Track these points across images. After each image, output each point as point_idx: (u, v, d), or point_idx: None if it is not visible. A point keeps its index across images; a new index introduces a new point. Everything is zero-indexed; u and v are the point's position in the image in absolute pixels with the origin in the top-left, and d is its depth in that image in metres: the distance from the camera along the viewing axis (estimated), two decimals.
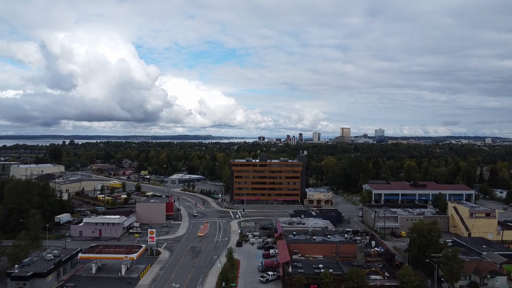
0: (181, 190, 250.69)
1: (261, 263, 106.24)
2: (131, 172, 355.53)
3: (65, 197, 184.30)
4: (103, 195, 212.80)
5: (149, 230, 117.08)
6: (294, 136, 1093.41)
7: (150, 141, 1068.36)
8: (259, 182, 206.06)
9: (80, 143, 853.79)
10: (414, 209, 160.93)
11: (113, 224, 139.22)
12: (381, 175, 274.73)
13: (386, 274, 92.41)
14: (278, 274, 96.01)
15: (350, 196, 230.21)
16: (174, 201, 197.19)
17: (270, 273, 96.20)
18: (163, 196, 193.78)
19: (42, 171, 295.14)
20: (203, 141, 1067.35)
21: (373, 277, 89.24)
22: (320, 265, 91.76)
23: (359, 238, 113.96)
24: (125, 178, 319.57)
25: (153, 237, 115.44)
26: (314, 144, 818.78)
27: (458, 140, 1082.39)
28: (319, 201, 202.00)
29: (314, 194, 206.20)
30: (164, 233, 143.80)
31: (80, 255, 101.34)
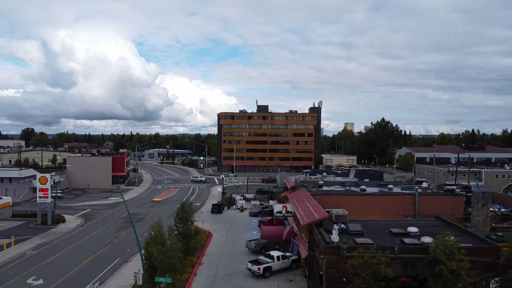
0: (158, 163, 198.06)
1: (256, 231, 50.73)
2: (107, 150, 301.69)
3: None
4: (48, 164, 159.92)
5: (38, 176, 60.91)
6: None
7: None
8: (257, 141, 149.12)
9: None
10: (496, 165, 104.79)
11: (10, 180, 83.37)
12: (411, 146, 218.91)
13: None
14: (295, 256, 40.14)
15: (379, 167, 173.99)
16: (137, 164, 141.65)
17: (274, 253, 40.13)
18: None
19: None
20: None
21: None
22: (412, 229, 34.37)
23: (455, 188, 57.39)
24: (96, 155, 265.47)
25: (47, 190, 59.28)
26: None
27: None
28: (339, 168, 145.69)
29: (333, 158, 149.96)
30: (99, 198, 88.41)
31: None
